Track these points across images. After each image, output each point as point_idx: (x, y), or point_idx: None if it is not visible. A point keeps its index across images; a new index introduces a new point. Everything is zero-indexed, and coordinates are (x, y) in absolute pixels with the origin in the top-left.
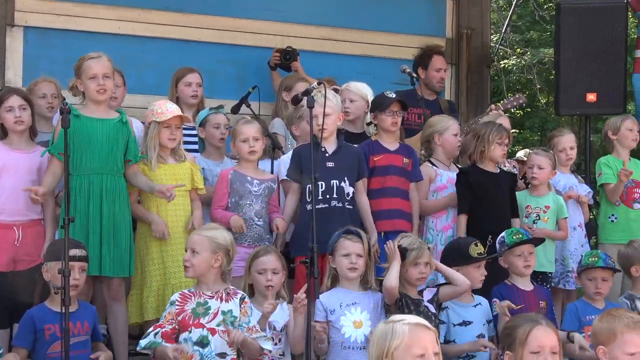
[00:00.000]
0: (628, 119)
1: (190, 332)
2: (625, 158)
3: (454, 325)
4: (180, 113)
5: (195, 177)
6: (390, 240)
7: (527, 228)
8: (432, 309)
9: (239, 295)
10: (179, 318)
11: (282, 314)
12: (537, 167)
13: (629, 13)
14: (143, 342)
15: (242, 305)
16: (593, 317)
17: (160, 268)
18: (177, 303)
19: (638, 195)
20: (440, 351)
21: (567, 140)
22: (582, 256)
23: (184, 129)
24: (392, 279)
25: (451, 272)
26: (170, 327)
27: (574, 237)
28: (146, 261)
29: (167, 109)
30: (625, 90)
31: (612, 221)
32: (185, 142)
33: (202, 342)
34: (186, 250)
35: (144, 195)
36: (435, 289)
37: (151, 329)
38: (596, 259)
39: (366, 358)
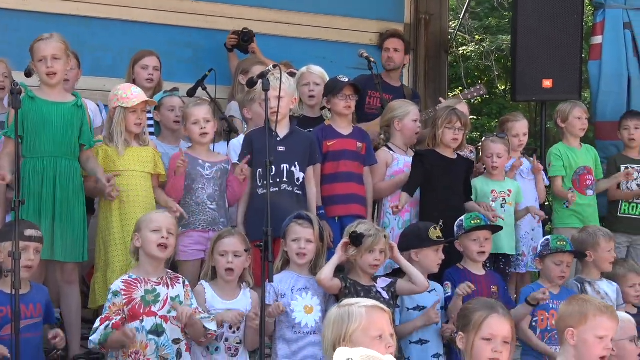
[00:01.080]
0: (577, 107)
1: (142, 321)
2: (575, 145)
3: (408, 309)
4: (146, 98)
5: (158, 163)
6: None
7: (492, 215)
8: (384, 294)
9: (181, 280)
10: (129, 307)
11: (244, 302)
12: (497, 157)
13: (586, 0)
14: (95, 338)
15: (185, 289)
16: (548, 301)
17: (123, 249)
18: (122, 292)
19: (590, 181)
20: (394, 333)
21: (522, 126)
22: (548, 239)
23: None
24: (324, 271)
25: (413, 271)
26: (119, 317)
27: (525, 221)
28: (109, 242)
29: (132, 93)
30: (581, 77)
31: (567, 207)
32: None
33: (157, 331)
34: (157, 230)
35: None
36: (390, 280)
37: (98, 322)
38: (564, 243)
39: (317, 343)
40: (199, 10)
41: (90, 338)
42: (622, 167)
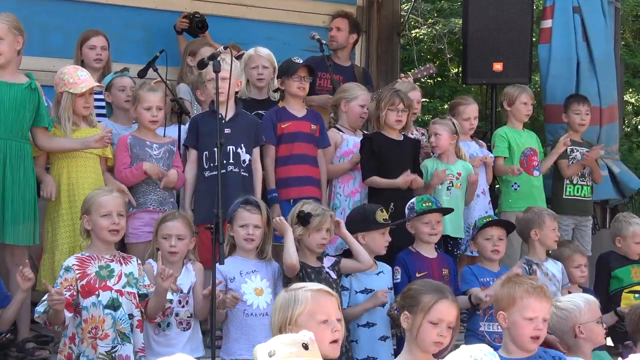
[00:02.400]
0: (524, 93)
1: (98, 295)
2: (519, 128)
3: (357, 292)
4: (93, 83)
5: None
6: (277, 217)
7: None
8: (333, 275)
9: (134, 258)
10: (82, 282)
11: (188, 276)
12: (434, 136)
13: None
14: (40, 308)
15: (138, 267)
16: (489, 279)
17: (71, 231)
18: (75, 268)
19: (537, 162)
20: (342, 317)
21: (472, 110)
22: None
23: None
24: (291, 255)
25: (358, 248)
26: (69, 293)
27: (478, 203)
28: (57, 224)
29: (79, 78)
30: (531, 61)
31: (515, 189)
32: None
33: (114, 305)
34: (107, 215)
35: (54, 158)
36: (334, 259)
37: (46, 296)
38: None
39: (269, 324)
40: None
41: (37, 307)
42: (568, 149)
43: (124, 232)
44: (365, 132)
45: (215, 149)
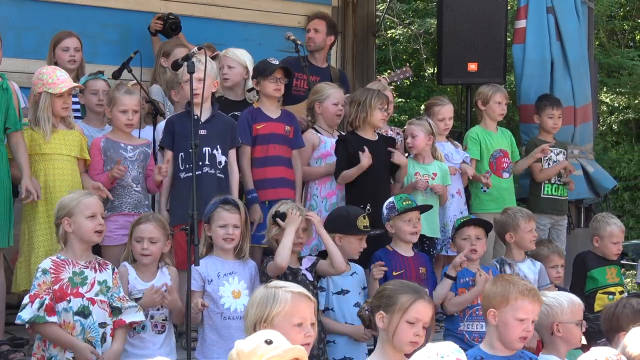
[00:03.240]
0: (498, 92)
1: (69, 301)
2: (492, 128)
3: (333, 293)
4: (73, 83)
5: (84, 147)
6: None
7: (422, 186)
8: (309, 277)
9: (110, 266)
10: (55, 287)
11: (163, 279)
12: (411, 136)
13: None
14: (26, 316)
15: (114, 276)
16: (468, 278)
17: (48, 234)
18: (51, 271)
19: (507, 164)
20: (316, 321)
21: (447, 110)
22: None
23: None
24: (283, 257)
25: (334, 251)
26: (48, 297)
27: (453, 204)
28: (33, 227)
29: (58, 78)
30: (505, 61)
31: (484, 191)
32: None
33: (84, 312)
34: (93, 216)
35: (31, 160)
36: (314, 258)
37: (27, 299)
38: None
39: None
40: None
41: (20, 314)
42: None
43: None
44: (339, 134)
45: (191, 150)
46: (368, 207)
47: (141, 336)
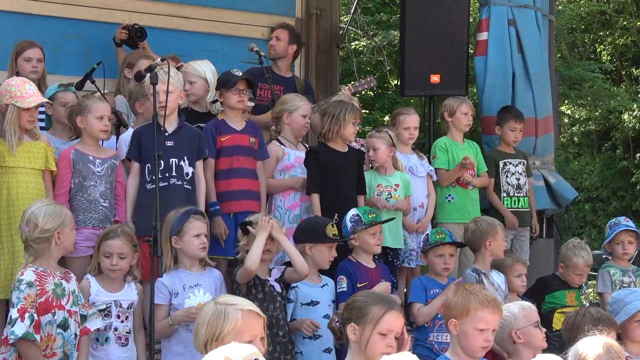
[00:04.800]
0: (464, 104)
1: (54, 314)
2: (459, 140)
3: (302, 304)
4: (42, 99)
5: (49, 158)
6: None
7: (382, 205)
8: (277, 288)
9: (72, 273)
10: (41, 299)
11: (130, 293)
12: (372, 149)
13: None
14: (19, 331)
15: (77, 284)
16: (437, 290)
17: (9, 247)
18: (36, 284)
19: (472, 175)
20: (265, 335)
21: (413, 120)
22: (427, 234)
23: None
24: (254, 261)
25: (294, 254)
26: (34, 311)
27: (414, 216)
28: None
29: (26, 92)
30: (467, 72)
31: (449, 201)
32: None
33: (64, 325)
34: (72, 229)
35: None
36: (283, 267)
37: (16, 313)
38: (443, 235)
39: None
40: (88, 2)
41: (13, 329)
42: (501, 163)
43: None
44: (306, 144)
45: (154, 161)
46: (335, 217)
47: (104, 348)
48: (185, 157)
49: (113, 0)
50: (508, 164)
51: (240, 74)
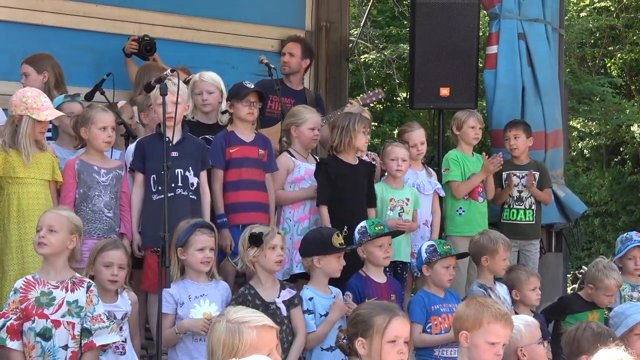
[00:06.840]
0: (471, 117)
1: (33, 322)
2: (468, 152)
3: (321, 315)
4: (57, 113)
5: (55, 169)
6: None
7: (397, 222)
8: (283, 311)
9: (86, 284)
10: (22, 306)
11: (123, 303)
12: (402, 160)
13: (481, 10)
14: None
15: (88, 294)
16: (438, 306)
17: (19, 257)
18: (20, 290)
19: (482, 189)
20: (279, 343)
21: (418, 136)
22: (434, 245)
23: None
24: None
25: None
26: (15, 316)
27: (418, 234)
28: (4, 250)
29: (42, 104)
30: (477, 86)
31: (460, 214)
32: None
33: (45, 335)
34: (39, 230)
35: (4, 183)
36: (294, 293)
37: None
38: (449, 247)
39: None
40: (99, 14)
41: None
42: (504, 174)
43: None
44: (316, 157)
45: (162, 171)
46: (345, 230)
47: (101, 358)
48: (190, 168)
49: (125, 12)
50: (512, 175)
51: (252, 86)
